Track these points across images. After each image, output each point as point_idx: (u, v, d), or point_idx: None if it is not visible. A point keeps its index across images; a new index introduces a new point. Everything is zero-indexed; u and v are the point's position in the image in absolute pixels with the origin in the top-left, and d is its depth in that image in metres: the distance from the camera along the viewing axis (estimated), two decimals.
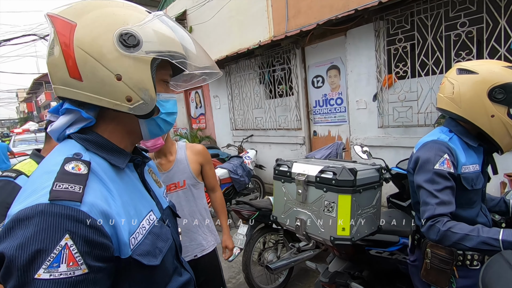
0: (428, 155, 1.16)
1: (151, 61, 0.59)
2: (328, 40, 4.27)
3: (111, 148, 0.62)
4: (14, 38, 10.43)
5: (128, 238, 0.55)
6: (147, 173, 0.77)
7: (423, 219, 1.11)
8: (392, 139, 3.68)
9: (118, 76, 0.57)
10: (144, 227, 0.61)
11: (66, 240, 0.45)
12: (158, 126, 0.66)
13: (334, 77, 4.37)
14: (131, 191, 0.63)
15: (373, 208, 1.34)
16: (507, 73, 1.11)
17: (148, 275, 0.59)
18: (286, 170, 1.42)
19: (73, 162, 0.54)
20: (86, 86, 0.57)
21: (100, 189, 0.54)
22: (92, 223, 0.49)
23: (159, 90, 0.64)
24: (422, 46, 3.26)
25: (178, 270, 0.72)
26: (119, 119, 0.62)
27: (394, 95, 3.59)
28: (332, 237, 1.22)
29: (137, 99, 0.59)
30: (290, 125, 5.01)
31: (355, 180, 1.20)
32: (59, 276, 0.44)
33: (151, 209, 0.66)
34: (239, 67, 5.81)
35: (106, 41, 0.56)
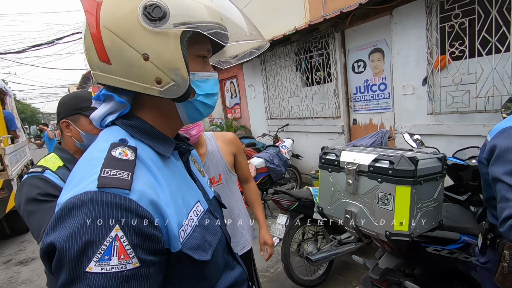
0: (508, 143, 0.98)
1: (180, 36, 0.51)
2: (371, 21, 3.97)
3: (156, 134, 0.59)
4: (65, 36, 11.26)
5: (177, 230, 0.51)
6: (192, 162, 0.73)
7: (503, 217, 0.96)
8: (444, 127, 3.36)
9: (145, 55, 0.51)
10: (192, 219, 0.56)
11: (117, 231, 0.42)
12: (196, 109, 0.59)
13: (377, 61, 4.08)
14: (178, 180, 0.59)
15: (434, 202, 1.20)
16: None
17: (198, 270, 0.55)
18: (333, 158, 1.32)
19: (119, 147, 0.51)
20: (115, 70, 0.53)
21: (147, 177, 0.51)
22: (142, 212, 0.45)
23: (194, 69, 0.57)
24: (483, 21, 2.88)
25: (230, 264, 0.68)
26: (157, 103, 0.58)
27: (448, 78, 3.25)
28: (388, 232, 1.11)
29: (167, 80, 0.53)
30: (328, 113, 4.81)
31: (415, 170, 1.07)
32: (110, 270, 0.41)
33: (198, 200, 0.62)
34: (274, 54, 5.68)
35: (131, 16, 0.50)
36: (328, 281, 2.62)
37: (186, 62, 0.53)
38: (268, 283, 2.70)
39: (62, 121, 1.17)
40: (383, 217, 1.13)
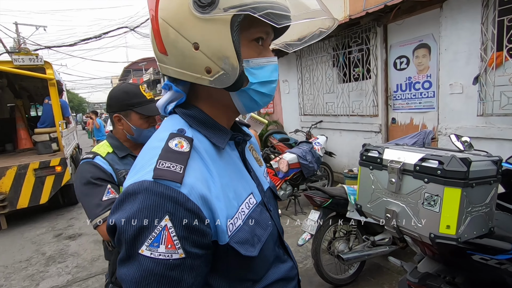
0: None
1: (231, 20, 0.49)
2: (418, 14, 3.74)
3: (212, 125, 0.59)
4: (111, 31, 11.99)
5: (226, 224, 0.52)
6: (249, 152, 0.72)
7: None
8: (495, 129, 3.10)
9: (195, 45, 0.51)
10: (244, 212, 0.56)
11: (166, 221, 0.46)
12: (252, 99, 0.57)
13: (422, 57, 3.85)
14: (231, 172, 0.59)
15: (486, 207, 1.13)
16: None
17: (245, 264, 0.56)
18: (376, 156, 1.29)
19: (176, 138, 0.53)
20: (172, 61, 0.54)
21: (200, 169, 0.52)
22: (191, 206, 0.47)
23: (249, 55, 0.54)
24: None
25: (281, 258, 0.67)
26: (211, 93, 0.58)
27: (504, 77, 2.98)
28: (432, 234, 1.07)
29: (216, 69, 0.52)
30: (365, 111, 4.65)
31: (468, 172, 1.01)
32: (158, 256, 0.45)
33: (251, 192, 0.61)
34: (311, 49, 5.58)
35: (183, 5, 0.50)
36: (359, 282, 2.57)
37: (236, 49, 0.51)
38: None
39: (114, 116, 1.26)
40: (428, 219, 1.09)
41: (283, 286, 0.63)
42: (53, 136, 5.12)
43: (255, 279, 0.60)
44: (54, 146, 5.12)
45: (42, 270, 3.27)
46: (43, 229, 4.52)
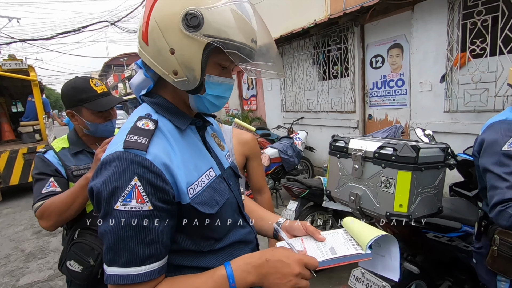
0: (495, 136, 1.09)
1: (206, 45, 0.61)
2: (392, 16, 3.95)
3: (175, 111, 0.71)
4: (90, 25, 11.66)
5: (186, 188, 0.63)
6: (210, 136, 0.85)
7: (492, 204, 1.05)
8: (460, 125, 3.35)
9: (172, 50, 0.62)
10: (204, 181, 0.68)
11: (135, 181, 0.56)
12: (204, 104, 0.70)
13: (395, 57, 4.07)
14: (192, 150, 0.70)
15: (434, 189, 1.29)
16: None
17: (205, 220, 0.67)
18: (342, 145, 1.43)
19: (143, 120, 0.65)
20: (149, 51, 0.65)
21: (163, 145, 0.63)
22: (155, 169, 0.58)
23: (212, 72, 0.66)
24: (507, 18, 2.84)
25: (240, 224, 0.79)
26: (176, 88, 0.67)
27: (467, 76, 3.23)
28: (388, 213, 1.22)
29: (181, 75, 0.63)
30: (344, 107, 4.85)
31: (417, 157, 1.16)
32: (131, 209, 0.56)
33: (211, 167, 0.73)
34: (292, 47, 5.73)
35: (174, 17, 0.61)
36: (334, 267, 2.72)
37: (202, 67, 0.63)
38: None
39: (67, 112, 1.27)
40: (385, 199, 1.23)
41: (242, 247, 0.75)
42: (36, 128, 6.19)
43: (217, 238, 0.71)
44: (37, 136, 6.21)
45: (22, 266, 3.24)
46: (21, 226, 4.44)
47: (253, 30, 0.67)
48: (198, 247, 0.68)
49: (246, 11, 0.65)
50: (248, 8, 0.67)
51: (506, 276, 1.14)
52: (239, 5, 0.64)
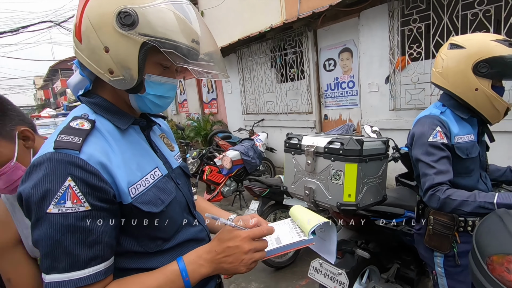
0: (421, 129, 1.24)
1: (142, 43, 0.61)
2: (341, 22, 4.22)
3: (114, 111, 0.69)
4: (31, 25, 10.67)
5: (127, 188, 0.62)
6: (157, 136, 0.84)
7: (424, 189, 1.19)
8: (403, 121, 3.68)
9: (106, 48, 0.61)
10: (148, 181, 0.68)
11: (69, 181, 0.55)
12: (145, 104, 0.69)
13: (346, 60, 4.35)
14: (135, 149, 0.69)
15: (378, 179, 1.41)
16: (495, 47, 1.14)
17: (150, 220, 0.66)
18: (296, 142, 1.50)
19: (78, 120, 0.63)
20: (83, 49, 0.63)
21: (101, 144, 0.62)
22: (90, 169, 0.57)
23: (152, 72, 0.66)
24: (437, 26, 3.20)
25: (190, 222, 0.79)
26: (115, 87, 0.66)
27: (407, 77, 3.56)
28: (338, 203, 1.30)
29: (117, 73, 0.63)
30: (301, 108, 5.04)
31: (361, 150, 1.26)
32: (66, 211, 0.54)
33: (156, 166, 0.72)
34: (250, 51, 5.82)
35: (107, 15, 0.60)
36: (297, 262, 2.82)
37: (139, 66, 0.62)
38: None
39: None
40: (335, 191, 1.32)
41: (194, 245, 0.75)
42: None
43: (165, 237, 0.71)
44: None
45: None
46: None
47: (193, 31, 0.67)
48: (144, 248, 0.67)
49: (185, 12, 0.66)
50: (188, 9, 0.67)
51: (441, 251, 1.28)
52: (177, 5, 0.65)
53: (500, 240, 0.76)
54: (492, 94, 1.18)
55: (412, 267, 1.87)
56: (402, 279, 1.84)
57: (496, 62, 1.13)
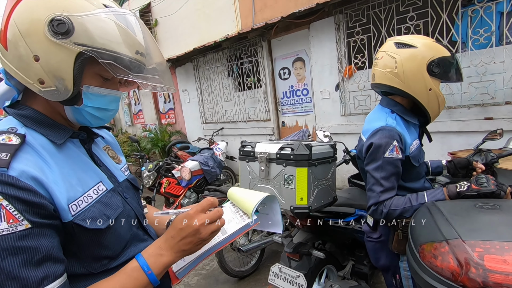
0: (379, 142, 1.18)
1: (78, 53, 0.58)
2: (293, 33, 4.42)
3: (49, 123, 0.64)
4: None
5: (67, 204, 0.58)
6: (101, 149, 0.80)
7: (368, 205, 1.21)
8: (353, 126, 3.93)
9: (36, 57, 0.57)
10: (91, 196, 0.64)
11: (0, 201, 0.49)
12: (84, 117, 0.66)
13: (299, 69, 4.54)
14: (75, 164, 0.65)
15: (328, 181, 1.48)
16: (441, 48, 1.18)
17: (95, 238, 0.62)
18: (250, 150, 1.52)
19: (5, 134, 0.57)
20: (9, 57, 0.59)
21: (34, 160, 0.57)
22: (23, 185, 0.52)
23: (91, 83, 0.63)
24: (377, 38, 3.51)
25: (140, 237, 0.76)
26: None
27: (354, 85, 3.83)
28: (292, 207, 1.34)
29: (49, 84, 0.58)
30: (259, 116, 5.13)
31: (310, 154, 1.32)
32: (1, 233, 0.49)
33: (100, 181, 0.69)
34: (207, 60, 5.80)
35: (37, 22, 0.56)
36: (260, 270, 2.82)
37: (75, 76, 0.59)
38: (204, 280, 2.78)
39: None
40: (288, 195, 1.36)
41: None
42: None
43: (111, 256, 0.67)
44: None
45: None
46: None
47: (137, 42, 0.65)
48: (87, 270, 0.63)
49: (128, 23, 0.64)
50: (131, 20, 0.65)
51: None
52: (119, 16, 0.62)
53: (428, 230, 0.84)
54: (441, 95, 1.19)
55: (365, 262, 1.98)
56: (357, 275, 1.94)
57: (445, 63, 1.15)
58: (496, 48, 2.80)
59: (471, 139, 2.96)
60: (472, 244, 0.70)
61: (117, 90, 0.70)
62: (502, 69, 2.77)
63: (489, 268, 0.64)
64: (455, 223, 0.78)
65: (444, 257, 0.73)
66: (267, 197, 0.73)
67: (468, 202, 0.90)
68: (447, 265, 0.71)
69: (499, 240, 0.67)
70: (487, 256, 0.66)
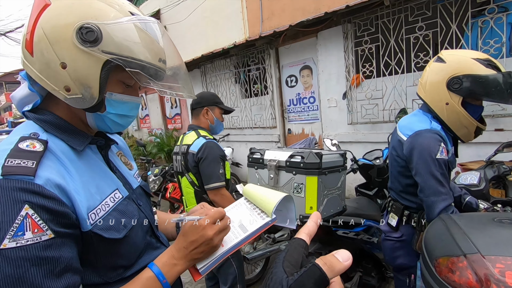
0: (426, 143, 1.18)
1: (105, 61, 0.58)
2: (301, 41, 4.44)
3: (69, 129, 0.64)
4: None
5: (86, 213, 0.57)
6: (115, 155, 0.79)
7: (438, 208, 1.14)
8: (360, 135, 3.91)
9: (63, 64, 0.57)
10: (108, 204, 0.63)
11: (26, 210, 0.49)
12: (105, 123, 0.66)
13: (306, 77, 4.56)
14: (93, 171, 0.65)
15: (338, 190, 1.46)
16: (473, 65, 1.14)
17: (112, 247, 0.62)
18: (259, 157, 1.51)
19: (28, 140, 0.56)
20: (35, 63, 0.58)
21: (56, 167, 0.56)
22: (49, 194, 0.51)
23: (114, 90, 0.63)
24: (385, 47, 3.51)
25: (153, 245, 0.75)
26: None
27: (362, 94, 3.82)
28: (301, 216, 1.32)
29: (75, 91, 0.58)
30: (266, 123, 5.13)
31: (320, 163, 1.31)
32: (26, 243, 0.48)
33: (117, 188, 0.68)
34: (214, 66, 5.86)
35: (66, 29, 0.56)
36: (264, 278, 2.78)
37: (101, 84, 0.59)
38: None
39: (204, 108, 1.82)
40: (297, 204, 1.34)
41: None
42: None
43: (127, 265, 0.66)
44: None
45: None
46: None
47: (161, 50, 0.65)
48: (103, 279, 0.62)
49: (153, 30, 0.64)
50: (155, 27, 0.65)
51: None
52: (144, 24, 0.63)
53: (444, 243, 0.82)
54: (460, 110, 1.18)
55: (373, 274, 1.94)
56: (365, 287, 1.90)
57: (468, 80, 1.14)
58: (506, 59, 2.78)
59: (480, 150, 2.92)
60: (492, 260, 0.68)
61: (138, 97, 0.70)
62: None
63: (511, 285, 0.62)
64: (473, 237, 0.76)
65: (463, 272, 0.70)
66: (284, 197, 0.74)
67: (486, 216, 0.88)
68: (465, 281, 0.69)
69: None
70: (508, 273, 0.64)
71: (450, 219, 0.90)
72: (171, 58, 0.69)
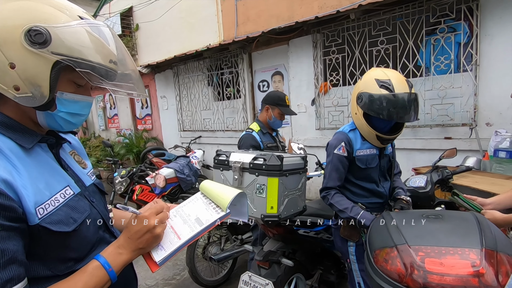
0: (332, 141, 1.55)
1: (54, 62, 0.60)
2: (273, 47, 4.57)
3: (18, 128, 0.65)
4: None
5: (34, 208, 0.59)
6: (67, 154, 0.81)
7: (320, 188, 1.51)
8: (327, 139, 4.02)
9: (11, 64, 0.58)
10: (58, 200, 0.65)
11: None
12: (56, 122, 0.68)
13: (278, 82, 4.69)
14: (43, 168, 0.67)
15: (298, 191, 1.55)
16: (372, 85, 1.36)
17: (62, 240, 0.64)
18: (224, 159, 1.56)
19: None
20: None
21: (3, 164, 0.58)
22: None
23: (65, 89, 0.65)
24: (351, 58, 3.73)
25: (106, 240, 0.78)
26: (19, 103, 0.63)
27: (329, 101, 4.02)
28: (262, 215, 1.39)
29: (25, 90, 0.60)
30: (238, 126, 5.19)
31: (281, 165, 1.39)
32: None
33: (68, 185, 0.70)
34: (187, 68, 5.82)
35: (14, 30, 0.58)
36: (231, 279, 2.82)
37: (51, 84, 0.61)
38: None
39: (266, 106, 2.20)
40: (259, 204, 1.41)
41: None
42: None
43: (77, 257, 0.69)
44: None
45: None
46: None
47: (110, 52, 0.69)
48: (53, 272, 0.64)
49: (103, 34, 0.68)
50: (106, 31, 0.69)
51: (352, 240, 1.51)
52: (94, 27, 0.66)
53: (382, 236, 0.92)
54: (362, 120, 1.44)
55: (332, 271, 2.06)
56: (325, 284, 2.01)
57: (365, 97, 1.38)
58: (454, 74, 3.08)
59: (433, 156, 3.19)
60: (416, 249, 0.78)
61: (90, 96, 0.73)
62: (460, 94, 3.05)
63: (428, 270, 0.73)
64: (404, 230, 0.87)
65: (393, 261, 0.81)
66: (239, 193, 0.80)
67: (418, 212, 1.00)
68: (395, 268, 0.79)
69: (438, 245, 0.76)
70: (427, 259, 0.74)
71: (388, 216, 1.01)
72: (122, 59, 0.73)
